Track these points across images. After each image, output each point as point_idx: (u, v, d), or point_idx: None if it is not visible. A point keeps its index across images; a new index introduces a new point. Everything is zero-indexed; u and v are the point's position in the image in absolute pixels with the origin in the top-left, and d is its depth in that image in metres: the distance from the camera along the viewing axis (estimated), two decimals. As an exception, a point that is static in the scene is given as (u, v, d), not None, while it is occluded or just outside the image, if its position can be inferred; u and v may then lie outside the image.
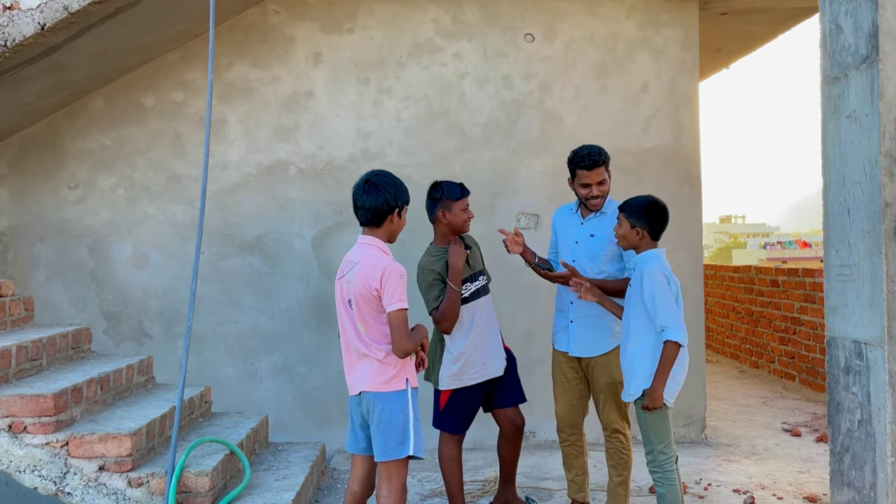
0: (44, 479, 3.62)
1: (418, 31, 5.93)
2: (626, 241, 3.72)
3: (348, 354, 3.35)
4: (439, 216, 3.98)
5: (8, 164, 5.78)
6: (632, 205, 3.70)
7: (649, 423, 3.57)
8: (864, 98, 2.87)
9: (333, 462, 5.47)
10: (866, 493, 2.91)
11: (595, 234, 4.06)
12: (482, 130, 5.95)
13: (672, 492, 3.56)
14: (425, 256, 4.01)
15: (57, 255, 5.80)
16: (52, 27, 4.42)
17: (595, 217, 4.09)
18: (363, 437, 3.37)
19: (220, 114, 5.82)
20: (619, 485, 3.98)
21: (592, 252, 4.04)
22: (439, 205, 3.97)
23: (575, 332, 4.05)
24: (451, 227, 3.99)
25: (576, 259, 4.08)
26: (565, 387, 4.12)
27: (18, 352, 4.03)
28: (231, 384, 5.79)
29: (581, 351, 4.04)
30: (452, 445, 4.02)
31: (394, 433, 3.22)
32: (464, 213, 3.98)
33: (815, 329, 7.72)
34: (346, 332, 3.32)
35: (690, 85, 6.04)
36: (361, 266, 3.23)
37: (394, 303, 3.17)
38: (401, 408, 3.23)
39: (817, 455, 5.54)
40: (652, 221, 3.65)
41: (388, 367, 3.24)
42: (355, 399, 3.34)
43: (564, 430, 4.15)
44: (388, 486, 3.25)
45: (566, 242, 4.18)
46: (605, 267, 4.01)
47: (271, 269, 5.88)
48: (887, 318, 2.77)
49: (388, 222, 3.32)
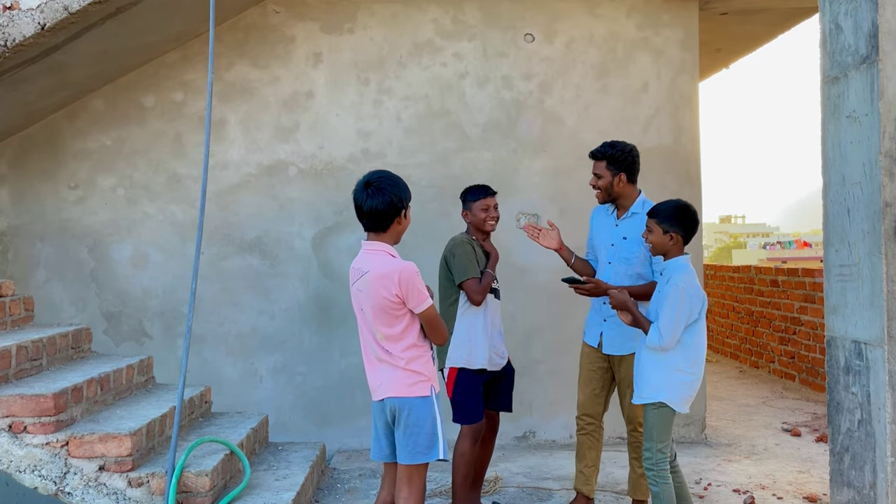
0: (44, 479, 3.62)
1: (418, 31, 5.93)
2: (659, 247, 3.67)
3: (368, 357, 3.29)
4: (463, 215, 4.30)
5: (8, 164, 5.78)
6: (662, 210, 3.65)
7: (655, 421, 3.60)
8: (864, 98, 2.87)
9: (333, 462, 5.47)
10: (866, 493, 2.91)
11: (627, 236, 4.07)
12: (482, 130, 5.95)
13: (666, 490, 3.58)
14: (461, 235, 4.25)
15: (57, 255, 5.80)
16: (52, 27, 4.41)
17: (627, 218, 4.09)
18: (387, 445, 3.29)
19: (220, 114, 5.82)
20: (642, 476, 4.01)
21: (626, 255, 4.06)
22: (464, 206, 4.27)
23: (608, 331, 4.11)
24: (474, 226, 4.25)
25: (612, 262, 4.11)
26: (590, 376, 4.19)
27: (18, 352, 4.03)
28: (231, 384, 5.79)
29: (612, 348, 4.11)
30: (468, 441, 4.05)
31: (422, 437, 3.16)
32: (483, 213, 4.21)
33: (815, 329, 7.72)
34: (364, 336, 3.27)
35: (690, 85, 6.04)
36: (374, 277, 3.14)
37: (421, 302, 3.14)
38: (428, 410, 3.18)
39: (817, 455, 5.54)
40: (685, 226, 3.63)
41: (411, 373, 3.18)
42: (378, 405, 3.26)
43: (583, 417, 4.21)
44: (408, 489, 3.20)
45: (603, 244, 4.20)
46: (640, 269, 4.02)
47: (271, 269, 5.88)
48: (887, 318, 2.77)
49: (394, 224, 3.21)
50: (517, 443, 5.88)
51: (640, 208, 4.04)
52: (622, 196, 4.09)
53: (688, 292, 3.55)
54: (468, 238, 4.21)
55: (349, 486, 4.94)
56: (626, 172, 4.04)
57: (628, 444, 4.16)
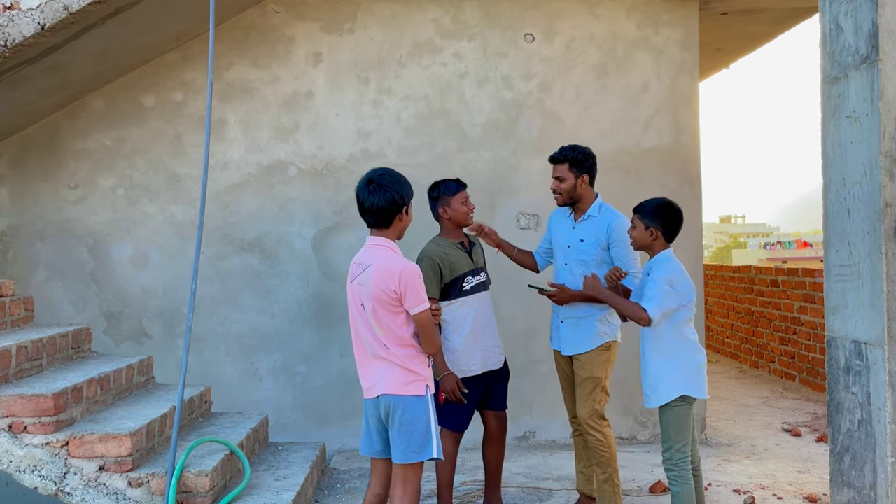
0: (44, 479, 3.62)
1: (418, 31, 5.93)
2: (640, 242, 3.74)
3: (363, 356, 3.29)
4: (441, 213, 4.12)
5: (8, 164, 5.78)
6: (646, 206, 3.74)
7: (671, 421, 3.61)
8: (864, 98, 2.87)
9: (333, 462, 5.47)
10: (866, 493, 2.91)
11: (585, 238, 4.11)
12: (482, 130, 5.95)
13: (686, 490, 3.59)
14: (430, 245, 4.10)
15: (57, 255, 5.80)
16: (52, 27, 4.41)
17: (584, 221, 4.14)
18: (379, 441, 3.31)
19: (220, 114, 5.82)
20: (605, 482, 4.02)
21: (583, 257, 4.11)
22: (439, 202, 4.11)
23: (564, 332, 4.17)
24: (454, 222, 4.12)
25: (567, 263, 4.16)
26: (565, 382, 4.26)
27: (18, 352, 4.03)
28: (231, 384, 5.79)
29: (569, 349, 4.15)
30: (449, 442, 4.03)
31: (416, 436, 3.17)
32: (463, 206, 4.10)
33: (815, 329, 7.72)
34: (360, 333, 3.26)
35: (690, 85, 6.04)
36: (376, 269, 3.17)
37: (418, 304, 3.15)
38: (422, 410, 3.19)
39: (817, 455, 5.54)
40: (666, 222, 3.69)
41: (408, 371, 3.20)
42: (371, 402, 3.28)
43: (572, 421, 4.27)
44: (403, 488, 3.21)
45: (560, 245, 4.25)
46: (596, 271, 4.03)
47: (271, 269, 5.88)
48: (887, 318, 2.77)
49: (396, 221, 3.25)
50: (517, 443, 5.88)
51: (597, 211, 4.11)
52: (582, 199, 4.13)
53: (669, 272, 3.60)
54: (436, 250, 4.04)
55: (349, 486, 4.94)
56: (588, 174, 4.10)
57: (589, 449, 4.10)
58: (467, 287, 4.07)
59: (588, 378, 4.05)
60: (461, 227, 4.15)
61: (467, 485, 4.88)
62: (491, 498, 4.28)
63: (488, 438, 4.25)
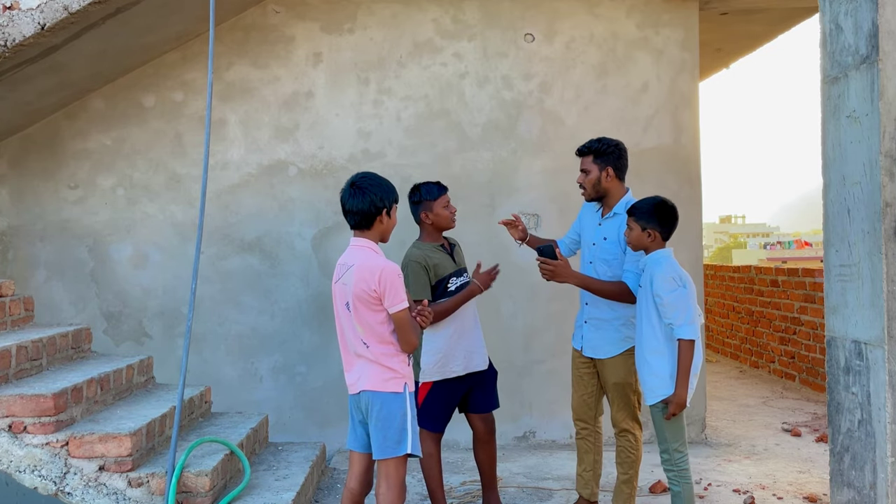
0: (44, 479, 3.62)
1: (418, 31, 5.93)
2: (638, 244, 3.71)
3: (347, 354, 3.39)
4: (423, 218, 4.08)
5: (8, 164, 5.78)
6: (640, 207, 3.69)
7: (663, 422, 3.59)
8: (864, 98, 2.87)
9: (333, 462, 5.47)
10: (866, 493, 2.91)
11: (608, 237, 4.01)
12: (482, 130, 5.95)
13: (687, 490, 3.59)
14: (413, 250, 4.08)
15: (57, 255, 5.80)
16: (52, 27, 4.41)
17: (610, 218, 4.02)
18: (363, 435, 3.41)
19: (220, 114, 5.82)
20: (623, 483, 3.99)
21: (607, 256, 4.01)
22: (421, 207, 4.07)
23: (587, 333, 4.07)
24: (436, 226, 4.09)
25: (592, 261, 4.07)
26: (578, 381, 4.17)
27: (18, 352, 4.03)
28: (231, 384, 5.79)
29: (592, 352, 4.06)
30: (430, 443, 4.02)
31: (392, 431, 3.26)
32: (446, 210, 4.07)
33: (815, 329, 7.72)
34: (344, 332, 3.37)
35: (690, 85, 6.04)
36: (358, 269, 3.26)
37: (396, 304, 3.23)
38: (399, 406, 3.27)
39: (817, 455, 5.54)
40: (662, 222, 3.66)
41: (386, 369, 3.28)
42: (354, 398, 3.38)
43: (577, 422, 4.20)
44: (386, 483, 3.29)
45: (586, 241, 4.17)
46: (619, 271, 3.95)
47: (271, 269, 5.88)
48: (887, 318, 2.77)
49: (377, 223, 3.34)
50: (517, 443, 5.88)
51: (623, 209, 3.92)
52: (609, 193, 4.00)
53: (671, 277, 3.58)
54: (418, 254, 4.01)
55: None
56: (612, 167, 3.97)
57: (615, 448, 4.05)
58: (452, 288, 4.04)
59: (618, 384, 3.95)
60: (443, 230, 4.11)
61: (467, 485, 4.89)
62: (489, 498, 4.28)
63: (477, 441, 4.23)
